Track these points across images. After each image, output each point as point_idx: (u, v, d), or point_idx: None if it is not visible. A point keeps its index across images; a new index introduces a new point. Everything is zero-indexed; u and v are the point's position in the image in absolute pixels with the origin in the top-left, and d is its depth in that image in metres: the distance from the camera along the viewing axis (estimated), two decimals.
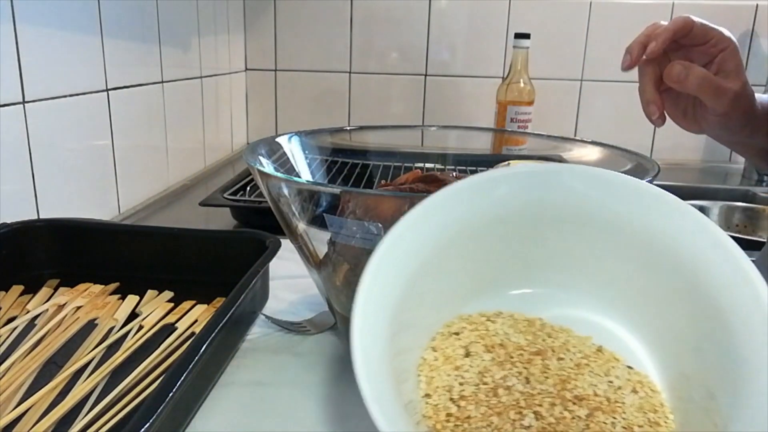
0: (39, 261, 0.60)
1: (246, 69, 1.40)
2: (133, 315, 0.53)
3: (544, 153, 0.65)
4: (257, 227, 0.60)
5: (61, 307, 0.53)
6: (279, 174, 0.47)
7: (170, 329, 0.50)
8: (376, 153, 0.74)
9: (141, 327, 0.51)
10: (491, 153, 0.76)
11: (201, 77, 1.13)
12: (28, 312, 0.52)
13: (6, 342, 0.48)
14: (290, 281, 0.62)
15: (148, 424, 0.31)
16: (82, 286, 0.57)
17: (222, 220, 0.84)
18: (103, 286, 0.57)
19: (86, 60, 0.76)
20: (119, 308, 0.54)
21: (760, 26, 1.31)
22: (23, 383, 0.43)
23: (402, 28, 1.35)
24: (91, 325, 0.51)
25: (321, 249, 0.48)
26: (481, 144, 0.73)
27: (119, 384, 0.42)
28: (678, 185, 1.19)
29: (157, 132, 0.97)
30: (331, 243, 0.47)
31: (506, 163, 0.66)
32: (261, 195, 0.88)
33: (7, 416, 0.39)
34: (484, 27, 1.35)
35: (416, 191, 0.46)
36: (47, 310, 0.53)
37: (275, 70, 1.40)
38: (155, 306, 0.54)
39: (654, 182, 0.41)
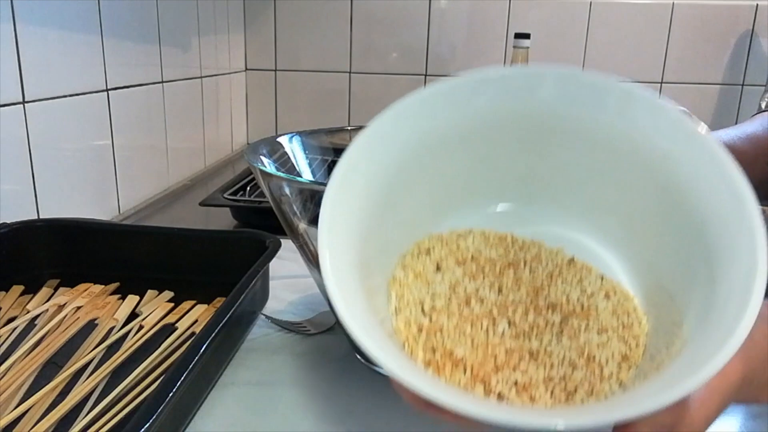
0: (39, 261, 0.60)
1: (246, 69, 1.40)
2: (133, 315, 0.53)
3: None
4: (257, 227, 0.60)
5: (61, 307, 0.53)
6: (280, 174, 0.47)
7: (170, 329, 0.50)
8: None
9: (141, 327, 0.51)
10: None
11: (201, 77, 1.13)
12: (28, 312, 0.52)
13: (6, 342, 0.48)
14: (290, 281, 0.62)
15: (148, 424, 0.31)
16: (82, 286, 0.57)
17: (222, 220, 0.84)
18: (103, 286, 0.57)
19: (86, 60, 0.76)
20: (119, 308, 0.54)
21: (760, 26, 1.31)
22: (23, 383, 0.43)
23: (402, 28, 1.35)
24: (91, 325, 0.51)
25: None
26: None
27: (119, 384, 0.42)
28: None
29: (157, 132, 0.97)
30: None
31: None
32: (261, 195, 0.88)
33: (7, 416, 0.39)
34: (484, 27, 1.35)
35: None
36: (47, 310, 0.53)
37: (275, 70, 1.40)
38: (155, 306, 0.54)
39: None
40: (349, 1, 1.34)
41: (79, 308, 0.53)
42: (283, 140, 0.57)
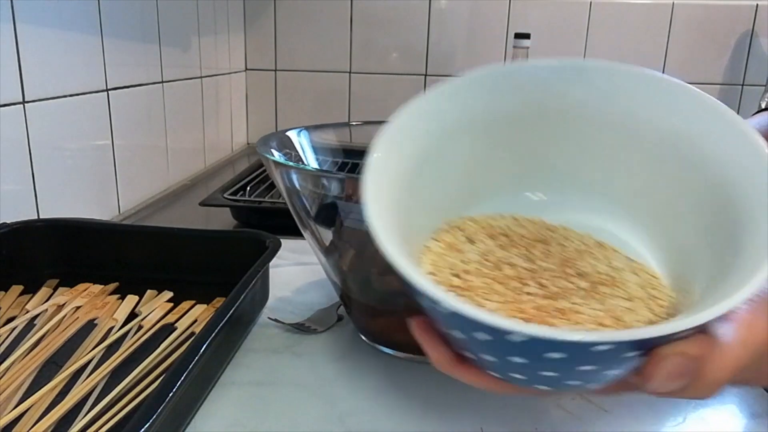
0: (39, 261, 0.60)
1: (246, 69, 1.40)
2: (133, 315, 0.53)
3: None
4: (257, 227, 0.60)
5: (61, 307, 0.53)
6: (292, 164, 0.48)
7: (170, 329, 0.50)
8: None
9: (141, 327, 0.51)
10: None
11: (201, 77, 1.13)
12: (28, 312, 0.52)
13: (6, 342, 0.48)
14: (290, 281, 0.62)
15: (148, 424, 0.31)
16: (82, 286, 0.57)
17: (222, 220, 0.84)
18: (103, 286, 0.57)
19: (86, 60, 0.76)
20: (119, 308, 0.54)
21: (760, 26, 1.31)
22: (23, 383, 0.43)
23: (402, 28, 1.35)
24: (91, 325, 0.51)
25: (329, 236, 0.49)
26: None
27: (119, 384, 0.42)
28: None
29: (157, 132, 0.97)
30: (336, 231, 0.48)
31: None
32: (261, 195, 0.88)
33: (7, 416, 0.39)
34: (484, 27, 1.35)
35: None
36: (47, 310, 0.53)
37: (275, 70, 1.40)
38: (155, 306, 0.54)
39: None
40: (349, 1, 1.34)
41: (79, 308, 0.53)
42: (292, 134, 0.58)
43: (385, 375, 0.47)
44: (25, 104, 0.65)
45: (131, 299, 0.55)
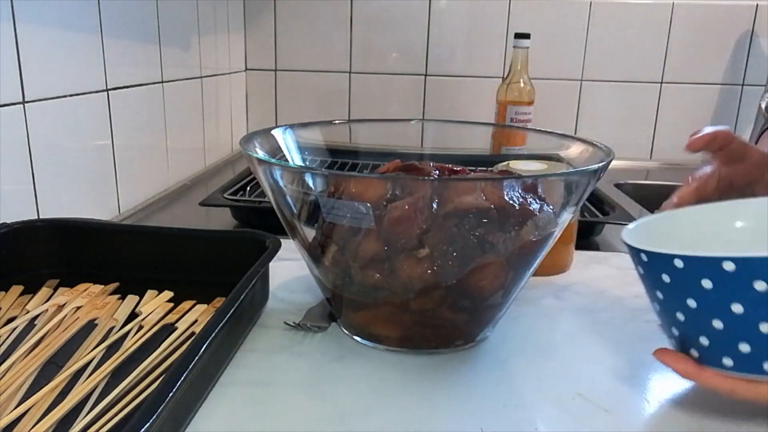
0: (39, 261, 0.60)
1: (246, 69, 1.40)
2: (133, 315, 0.53)
3: (543, 152, 0.65)
4: (257, 227, 0.60)
5: (61, 307, 0.53)
6: (275, 161, 0.48)
7: (170, 329, 0.50)
8: (374, 154, 0.74)
9: (141, 327, 0.51)
10: (490, 153, 0.76)
11: (201, 77, 1.13)
12: (28, 312, 0.52)
13: (6, 342, 0.48)
14: (290, 281, 0.62)
15: (148, 424, 0.31)
16: (82, 286, 0.57)
17: (222, 220, 0.84)
18: (103, 286, 0.57)
19: (86, 60, 0.76)
20: (119, 308, 0.54)
21: (760, 26, 1.31)
22: (23, 383, 0.43)
23: (402, 28, 1.35)
24: (91, 325, 0.51)
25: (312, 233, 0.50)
26: (481, 143, 0.73)
27: (119, 384, 0.42)
28: (678, 185, 1.19)
29: (157, 132, 0.97)
30: (320, 228, 0.48)
31: (505, 164, 0.67)
32: (261, 195, 0.88)
33: (7, 416, 0.39)
34: (484, 27, 1.35)
35: None
36: (47, 311, 0.53)
37: (275, 70, 1.40)
38: (155, 306, 0.54)
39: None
40: (349, 1, 1.34)
41: (79, 308, 0.53)
42: (276, 133, 0.58)
43: (385, 375, 0.47)
44: (25, 104, 0.65)
45: (131, 299, 0.55)
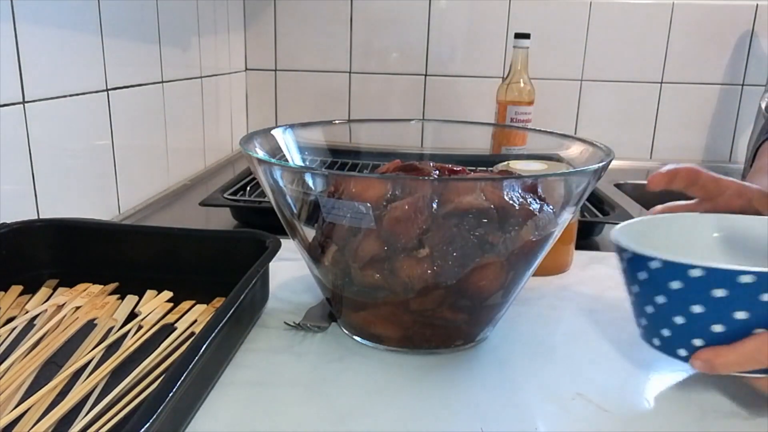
0: (38, 261, 0.60)
1: (246, 69, 1.40)
2: (133, 315, 0.53)
3: (543, 152, 0.65)
4: (257, 227, 0.60)
5: (61, 307, 0.53)
6: (275, 160, 0.48)
7: (170, 329, 0.50)
8: (374, 154, 0.74)
9: (140, 327, 0.51)
10: (490, 153, 0.76)
11: (201, 77, 1.13)
12: (28, 312, 0.52)
13: (5, 342, 0.48)
14: (290, 281, 0.62)
15: (148, 424, 0.31)
16: (81, 286, 0.57)
17: (222, 220, 0.84)
18: (102, 286, 0.57)
19: (86, 60, 0.76)
20: (118, 308, 0.54)
21: (760, 26, 1.31)
22: (23, 383, 0.43)
23: (402, 28, 1.35)
24: (91, 325, 0.51)
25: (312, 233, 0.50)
26: (481, 143, 0.73)
27: (119, 384, 0.42)
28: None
29: (157, 132, 0.97)
30: (320, 228, 0.48)
31: (506, 164, 0.67)
32: (261, 195, 0.88)
33: (7, 416, 0.39)
34: (484, 27, 1.35)
35: None
36: (46, 310, 0.53)
37: (275, 70, 1.40)
38: (155, 306, 0.54)
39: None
40: (349, 1, 1.34)
41: (79, 308, 0.53)
42: (276, 133, 0.58)
43: (386, 375, 0.47)
44: (25, 104, 0.65)
45: (131, 299, 0.55)
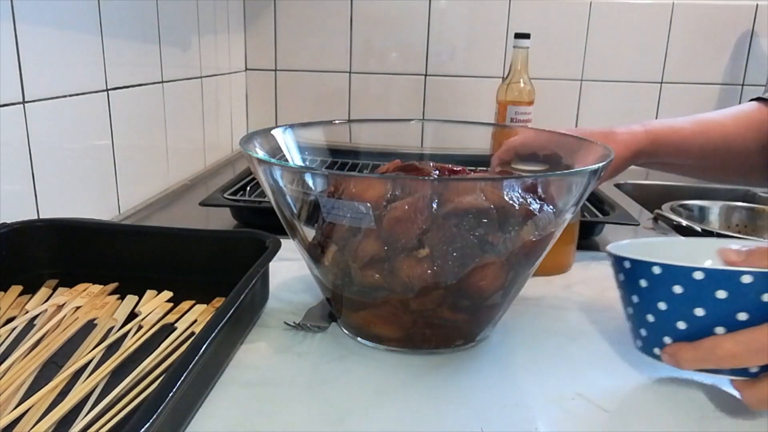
0: (38, 261, 0.60)
1: (246, 69, 1.40)
2: (133, 315, 0.53)
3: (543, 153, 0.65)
4: (257, 227, 0.60)
5: (60, 307, 0.53)
6: (275, 160, 0.48)
7: (170, 329, 0.50)
8: (374, 154, 0.74)
9: (140, 327, 0.51)
10: (490, 153, 0.76)
11: (201, 77, 1.13)
12: (28, 312, 0.52)
13: (5, 342, 0.48)
14: (290, 281, 0.62)
15: (148, 424, 0.31)
16: (81, 286, 0.57)
17: (222, 220, 0.84)
18: (102, 286, 0.57)
19: (86, 60, 0.76)
20: (118, 308, 0.54)
21: (760, 26, 1.31)
22: (23, 383, 0.43)
23: (402, 28, 1.35)
24: (91, 325, 0.51)
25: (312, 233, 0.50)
26: (481, 143, 0.73)
27: (119, 384, 0.42)
28: (678, 185, 1.19)
29: (157, 132, 0.97)
30: (320, 228, 0.48)
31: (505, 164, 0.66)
32: (261, 195, 0.88)
33: (7, 416, 0.39)
34: (484, 27, 1.35)
35: None
36: (46, 311, 0.53)
37: (275, 70, 1.40)
38: (155, 306, 0.54)
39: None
40: (349, 1, 1.34)
41: (78, 308, 0.53)
42: (277, 133, 0.58)
43: (386, 375, 0.47)
44: (25, 104, 0.65)
45: (131, 299, 0.55)
